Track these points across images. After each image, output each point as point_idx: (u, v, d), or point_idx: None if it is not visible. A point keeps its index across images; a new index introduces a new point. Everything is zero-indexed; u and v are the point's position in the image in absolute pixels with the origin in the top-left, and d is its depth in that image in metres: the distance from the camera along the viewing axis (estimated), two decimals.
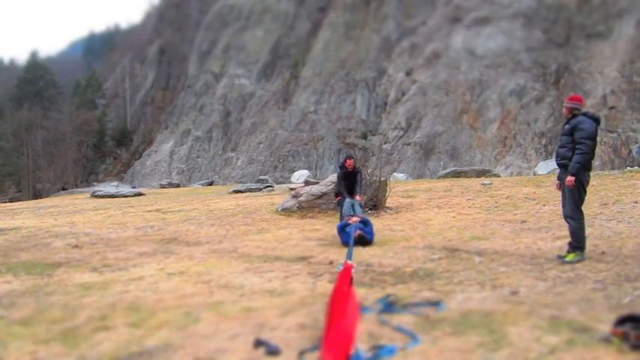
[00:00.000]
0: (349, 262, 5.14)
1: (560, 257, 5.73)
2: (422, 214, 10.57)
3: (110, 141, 65.50)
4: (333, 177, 12.50)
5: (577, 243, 5.70)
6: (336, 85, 46.80)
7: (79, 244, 8.38)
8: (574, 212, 5.77)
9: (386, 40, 46.63)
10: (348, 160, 9.81)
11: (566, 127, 5.85)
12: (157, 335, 3.61)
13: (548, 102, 34.24)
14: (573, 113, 5.84)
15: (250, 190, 22.00)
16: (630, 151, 27.73)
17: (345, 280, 4.38)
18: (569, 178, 5.68)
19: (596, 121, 5.79)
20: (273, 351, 3.19)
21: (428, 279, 5.14)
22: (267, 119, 49.28)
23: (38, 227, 11.03)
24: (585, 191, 5.84)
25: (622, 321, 3.20)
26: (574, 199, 5.76)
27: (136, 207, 15.83)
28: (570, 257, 5.61)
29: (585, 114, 5.81)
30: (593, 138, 5.63)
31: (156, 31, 74.88)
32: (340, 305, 3.63)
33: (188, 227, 10.48)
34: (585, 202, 5.99)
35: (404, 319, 3.73)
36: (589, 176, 5.83)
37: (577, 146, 5.64)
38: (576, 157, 5.62)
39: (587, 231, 7.26)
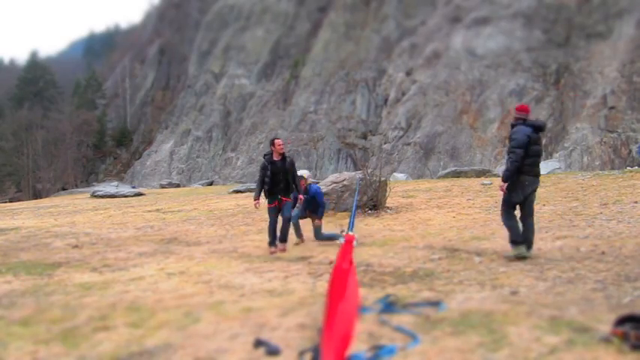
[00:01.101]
0: (350, 233, 4.83)
1: (506, 256, 5.99)
2: (422, 214, 10.56)
3: (110, 141, 65.48)
4: (333, 177, 12.43)
5: (514, 237, 5.99)
6: (336, 85, 46.79)
7: (79, 244, 8.38)
8: (503, 211, 6.16)
9: (386, 40, 46.61)
10: (276, 140, 7.65)
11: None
12: (157, 335, 3.61)
13: (548, 102, 34.21)
14: (515, 123, 6.09)
15: (250, 190, 21.95)
16: (630, 151, 27.72)
17: (346, 256, 4.21)
18: (500, 184, 6.04)
19: (537, 128, 5.98)
20: (273, 351, 3.19)
21: (428, 279, 5.14)
22: (267, 119, 49.27)
23: (38, 227, 11.04)
24: (523, 193, 6.01)
25: (622, 321, 3.19)
26: (505, 200, 6.13)
27: (136, 207, 15.83)
28: (511, 253, 5.95)
29: (524, 122, 5.99)
30: (523, 146, 5.81)
31: (156, 31, 74.84)
32: (340, 286, 3.53)
33: (188, 227, 10.48)
34: (585, 202, 6.01)
35: (404, 319, 3.73)
36: (529, 180, 5.98)
37: (509, 154, 5.89)
38: (507, 164, 5.90)
39: (587, 231, 7.28)
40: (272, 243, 7.44)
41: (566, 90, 33.47)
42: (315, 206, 8.08)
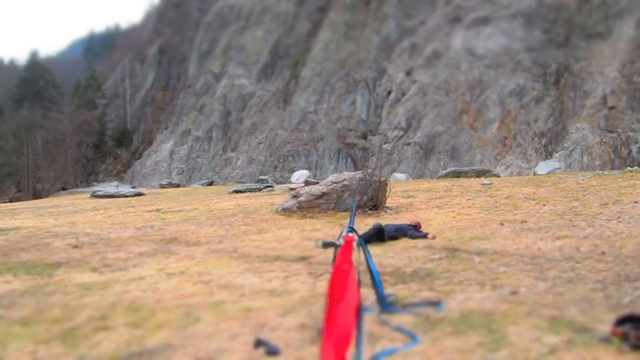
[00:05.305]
0: (350, 234, 4.39)
1: None
2: (422, 214, 10.55)
3: (110, 141, 65.45)
4: (333, 177, 12.46)
5: None
6: (336, 85, 46.78)
7: (79, 244, 8.38)
8: None
9: (386, 40, 46.60)
10: None
11: None
12: (157, 335, 3.61)
13: (548, 102, 34.21)
14: None
15: (250, 190, 21.96)
16: (630, 151, 27.72)
17: (345, 257, 4.04)
18: None
19: None
20: (273, 351, 3.19)
21: (428, 279, 5.14)
22: (267, 119, 49.27)
23: (38, 227, 11.03)
24: None
25: (622, 321, 3.19)
26: None
27: (136, 207, 15.81)
28: None
29: None
30: None
31: (156, 31, 74.82)
32: (340, 287, 3.49)
33: (188, 227, 10.47)
34: (585, 202, 6.02)
35: (404, 319, 3.73)
36: None
37: None
38: None
39: (587, 231, 7.30)
40: None
41: (566, 90, 33.47)
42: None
